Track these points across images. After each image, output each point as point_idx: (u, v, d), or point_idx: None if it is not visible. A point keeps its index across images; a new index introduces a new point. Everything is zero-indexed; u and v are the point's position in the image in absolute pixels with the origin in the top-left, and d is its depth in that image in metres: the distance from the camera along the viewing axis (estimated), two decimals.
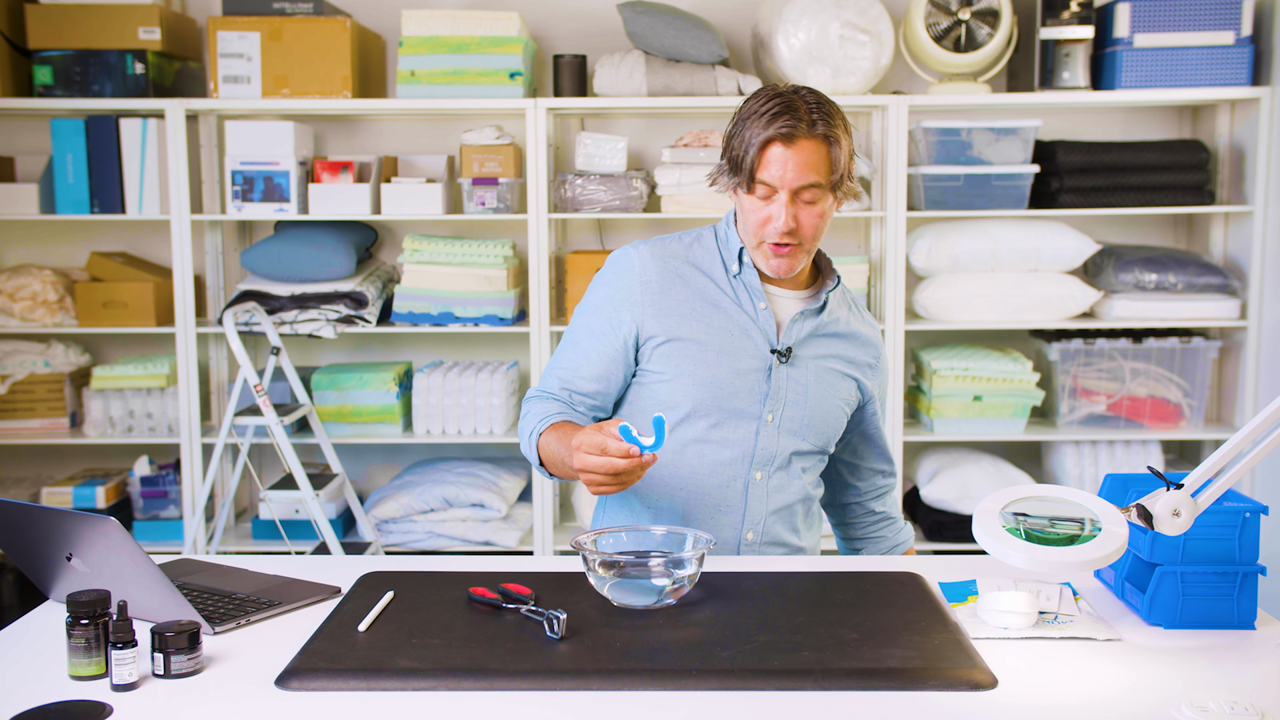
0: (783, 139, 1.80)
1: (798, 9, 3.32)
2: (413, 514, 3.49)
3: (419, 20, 3.39)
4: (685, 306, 1.92)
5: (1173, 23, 3.34)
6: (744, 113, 1.86)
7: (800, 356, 1.94)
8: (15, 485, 3.74)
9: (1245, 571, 1.60)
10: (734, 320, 1.93)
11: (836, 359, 1.98)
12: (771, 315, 1.93)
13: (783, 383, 1.92)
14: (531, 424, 1.92)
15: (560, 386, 1.96)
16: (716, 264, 1.96)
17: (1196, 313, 3.42)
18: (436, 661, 1.45)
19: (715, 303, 1.93)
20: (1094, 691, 1.40)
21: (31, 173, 3.65)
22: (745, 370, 1.91)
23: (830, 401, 1.96)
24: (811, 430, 1.95)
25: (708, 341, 1.91)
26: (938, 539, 3.50)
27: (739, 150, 1.84)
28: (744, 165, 1.83)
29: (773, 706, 1.35)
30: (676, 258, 1.96)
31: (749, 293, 1.94)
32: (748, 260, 1.93)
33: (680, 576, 1.63)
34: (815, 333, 1.96)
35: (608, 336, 1.94)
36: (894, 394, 3.45)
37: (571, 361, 1.96)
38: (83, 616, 1.43)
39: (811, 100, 1.83)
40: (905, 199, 3.42)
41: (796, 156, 1.81)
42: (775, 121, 1.80)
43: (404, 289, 3.47)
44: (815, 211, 1.86)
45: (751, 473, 1.93)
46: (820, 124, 1.81)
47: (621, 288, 1.94)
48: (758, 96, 1.86)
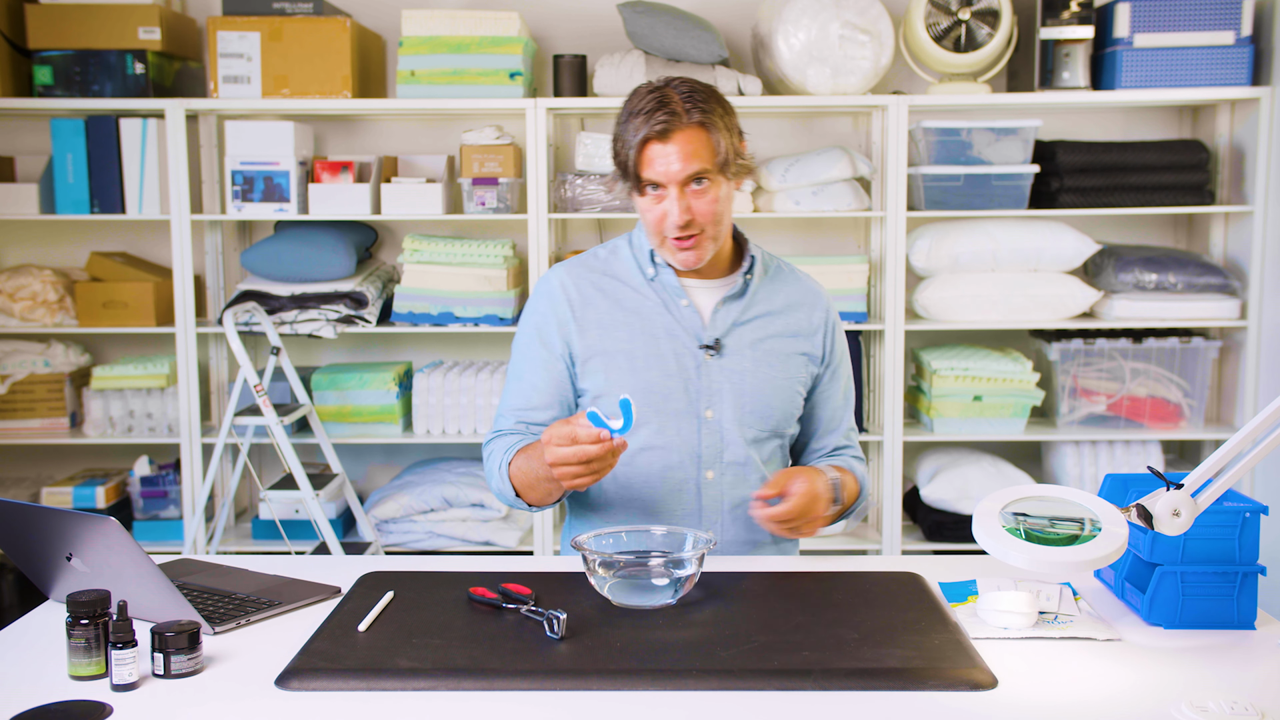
0: (658, 135, 1.80)
1: (798, 9, 3.32)
2: (413, 514, 3.49)
3: (419, 20, 3.39)
4: (607, 319, 1.93)
5: (1173, 23, 3.34)
6: (622, 115, 1.85)
7: (732, 346, 1.92)
8: (15, 485, 3.74)
9: (1245, 571, 1.60)
10: (657, 324, 1.92)
11: (775, 338, 1.95)
12: (695, 311, 1.92)
13: (716, 376, 1.91)
14: (497, 460, 1.91)
15: (515, 422, 1.95)
16: (634, 270, 1.96)
17: (1196, 313, 3.42)
18: (436, 661, 1.45)
19: (637, 310, 1.93)
20: (1094, 691, 1.40)
21: (31, 173, 3.65)
22: (676, 371, 1.90)
23: (774, 384, 1.94)
24: (758, 418, 1.93)
25: (633, 350, 1.91)
26: (938, 539, 3.50)
27: (623, 154, 1.84)
28: (628, 168, 1.82)
29: (773, 706, 1.36)
30: (595, 271, 1.97)
31: (668, 293, 1.93)
32: (661, 262, 1.92)
33: (680, 576, 1.63)
34: (743, 318, 1.94)
35: (548, 362, 1.94)
36: (893, 394, 3.45)
37: (519, 397, 1.96)
38: (83, 616, 1.43)
39: (684, 89, 1.82)
40: (905, 199, 3.42)
41: (676, 149, 1.80)
42: (650, 119, 1.79)
43: (404, 289, 3.47)
44: (709, 199, 1.84)
45: (702, 473, 1.92)
46: (695, 112, 1.80)
47: (546, 311, 1.95)
48: (634, 96, 1.85)
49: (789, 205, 3.42)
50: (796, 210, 3.42)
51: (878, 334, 3.51)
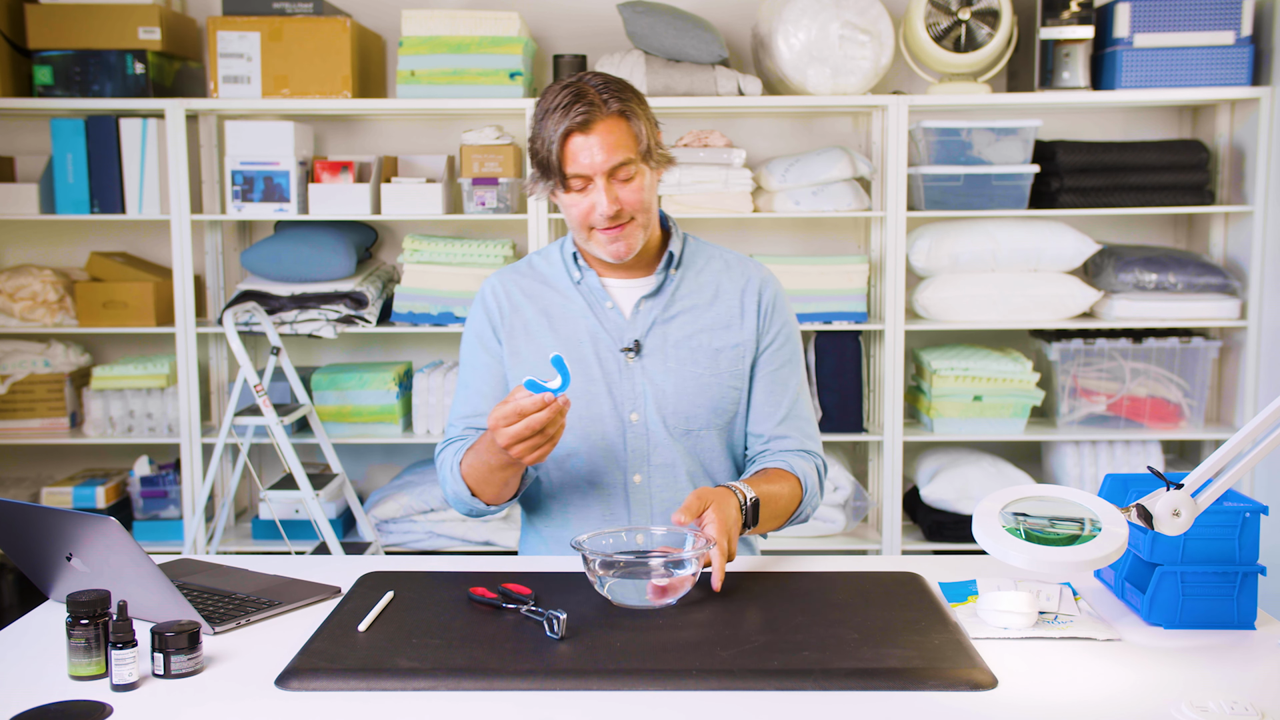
0: (580, 128, 1.78)
1: (798, 9, 3.32)
2: (413, 514, 3.49)
3: (419, 20, 3.39)
4: (533, 325, 1.93)
5: (1173, 23, 3.34)
6: (537, 114, 1.83)
7: (654, 346, 1.90)
8: (15, 485, 3.74)
9: (1245, 571, 1.60)
10: (581, 328, 1.91)
11: (703, 333, 1.92)
12: (619, 313, 1.91)
13: (639, 379, 1.89)
14: (449, 464, 1.89)
15: (464, 429, 1.95)
16: (561, 274, 1.95)
17: (1196, 313, 3.42)
18: (436, 661, 1.45)
19: (562, 314, 1.93)
20: (1094, 691, 1.40)
21: (31, 173, 3.65)
22: (597, 377, 1.89)
23: (699, 382, 1.90)
24: (683, 418, 1.89)
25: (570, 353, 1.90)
26: (938, 539, 3.50)
27: (543, 152, 1.81)
28: (551, 164, 1.80)
29: (773, 706, 1.35)
30: (526, 278, 1.97)
31: (593, 296, 1.93)
32: (585, 265, 1.92)
33: (680, 576, 1.63)
34: (666, 315, 1.92)
35: (491, 366, 1.95)
36: (893, 394, 3.45)
37: (466, 404, 1.96)
38: (83, 616, 1.43)
39: (598, 82, 1.81)
40: (905, 199, 3.42)
41: (599, 139, 1.79)
42: (569, 112, 1.77)
43: (404, 289, 3.47)
44: (634, 187, 1.82)
45: (629, 477, 1.91)
46: (613, 101, 1.80)
47: (482, 318, 1.97)
48: (548, 94, 1.82)
49: (789, 205, 3.42)
50: (796, 210, 3.42)
51: (878, 334, 3.51)
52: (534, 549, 2.03)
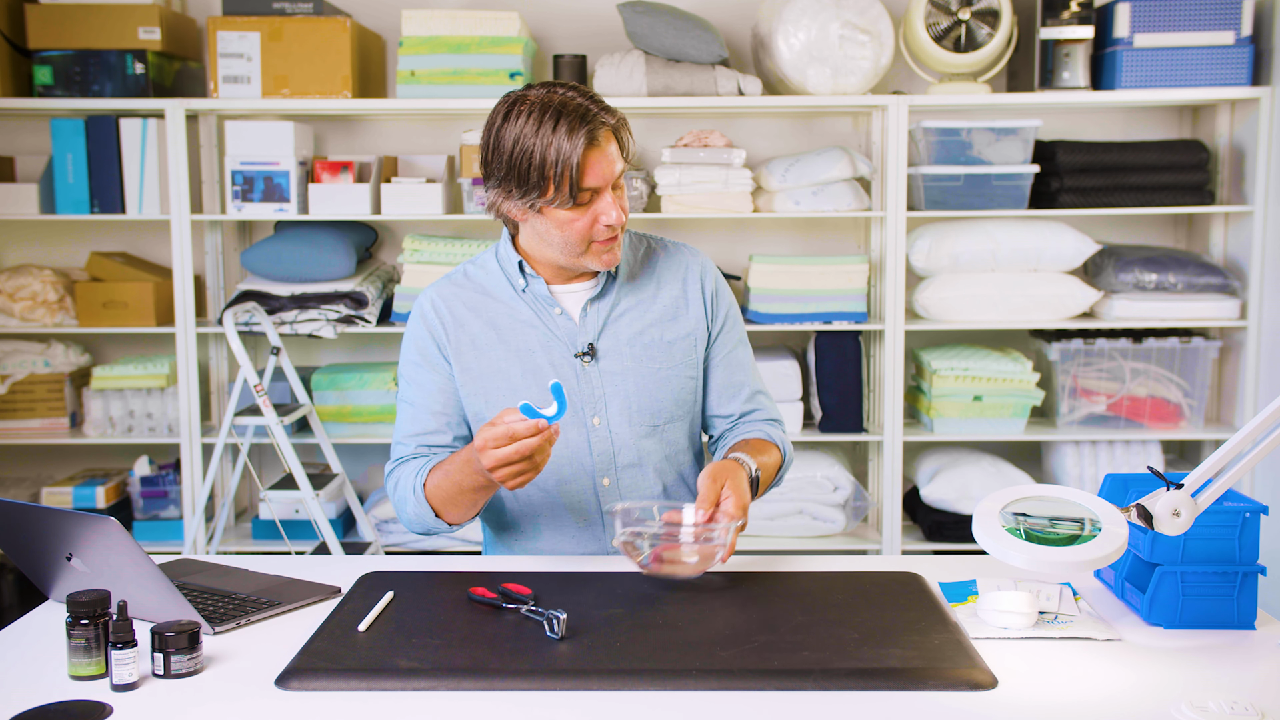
0: (595, 144, 1.76)
1: (798, 9, 3.32)
2: None
3: (419, 20, 3.40)
4: (481, 339, 1.89)
5: (1173, 23, 3.34)
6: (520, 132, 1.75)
7: (608, 347, 1.89)
8: (15, 485, 3.74)
9: (1245, 571, 1.60)
10: (531, 337, 1.89)
11: (653, 327, 1.92)
12: (569, 318, 1.89)
13: (598, 382, 1.89)
14: (408, 485, 1.85)
15: (415, 447, 1.91)
16: (503, 285, 1.92)
17: (1196, 313, 3.42)
18: (436, 661, 1.45)
19: (510, 325, 1.89)
20: (1094, 691, 1.40)
21: (31, 173, 3.65)
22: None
23: (658, 377, 1.90)
24: (648, 415, 1.90)
25: (508, 369, 1.88)
26: (938, 539, 3.50)
27: (544, 169, 1.75)
28: (562, 180, 1.75)
29: (773, 706, 1.36)
30: (465, 289, 1.92)
31: (540, 303, 1.90)
32: (531, 273, 1.89)
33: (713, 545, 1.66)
34: (614, 315, 1.91)
35: (436, 381, 1.90)
36: (893, 394, 3.45)
37: (413, 423, 1.91)
38: (83, 616, 1.43)
39: (581, 97, 1.78)
40: (905, 199, 3.42)
41: (607, 152, 1.78)
42: (578, 130, 1.74)
43: (404, 289, 3.47)
44: (623, 193, 1.84)
45: (597, 481, 1.90)
46: (608, 115, 1.79)
47: (425, 334, 1.91)
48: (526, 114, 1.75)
49: (789, 205, 3.42)
50: (796, 210, 3.42)
51: (878, 334, 3.51)
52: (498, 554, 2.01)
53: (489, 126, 1.81)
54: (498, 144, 1.78)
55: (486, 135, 1.81)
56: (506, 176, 1.79)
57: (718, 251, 3.72)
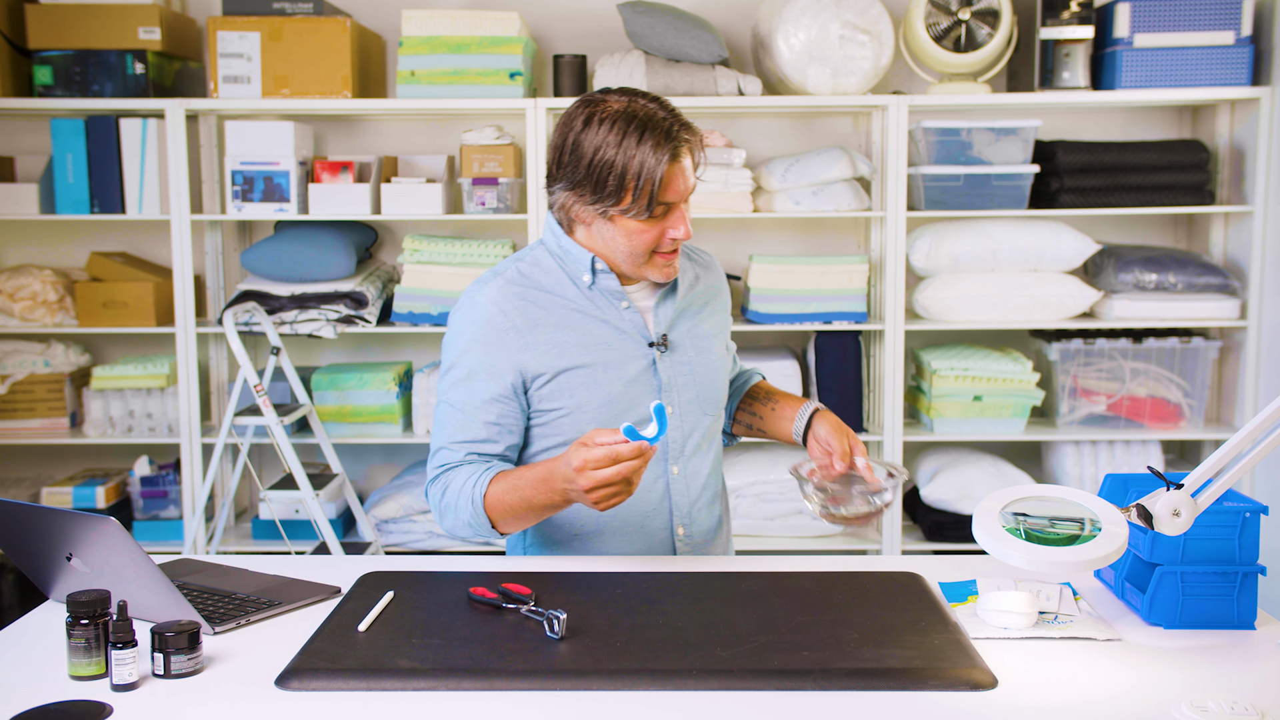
0: (675, 159, 1.80)
1: (798, 9, 3.32)
2: (413, 514, 3.49)
3: (419, 20, 3.39)
4: (558, 335, 1.87)
5: (1173, 23, 3.34)
6: (601, 140, 1.78)
7: (677, 339, 1.95)
8: (15, 485, 3.74)
9: (1245, 571, 1.60)
10: (603, 331, 1.90)
11: (704, 321, 2.00)
12: (636, 312, 1.93)
13: (670, 371, 1.93)
14: (465, 492, 1.81)
15: (465, 455, 1.87)
16: (564, 282, 1.91)
17: (1196, 313, 3.42)
18: (436, 661, 1.45)
19: (581, 320, 1.89)
20: (1094, 691, 1.40)
21: (31, 173, 3.65)
22: (634, 374, 1.89)
23: (714, 366, 1.98)
24: (708, 403, 1.96)
25: (591, 362, 1.87)
26: (938, 539, 3.50)
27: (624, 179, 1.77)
28: (644, 193, 1.78)
29: (773, 706, 1.36)
30: (526, 287, 1.90)
31: (608, 298, 1.91)
32: (602, 267, 1.89)
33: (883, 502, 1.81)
34: (679, 311, 1.97)
35: (493, 390, 1.86)
36: (893, 394, 3.45)
37: (463, 430, 1.86)
38: (83, 616, 1.43)
39: (663, 110, 1.81)
40: (905, 199, 3.42)
41: (685, 169, 1.83)
42: (663, 146, 1.77)
43: (404, 289, 3.47)
44: (688, 207, 1.88)
45: (669, 469, 1.92)
46: (689, 133, 1.83)
47: (489, 338, 1.86)
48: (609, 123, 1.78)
49: (789, 205, 3.42)
50: (796, 210, 3.42)
51: (878, 334, 3.51)
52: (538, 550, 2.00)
53: (565, 129, 1.82)
54: (576, 148, 1.80)
55: (562, 137, 1.82)
56: (583, 181, 1.81)
57: (718, 251, 3.72)
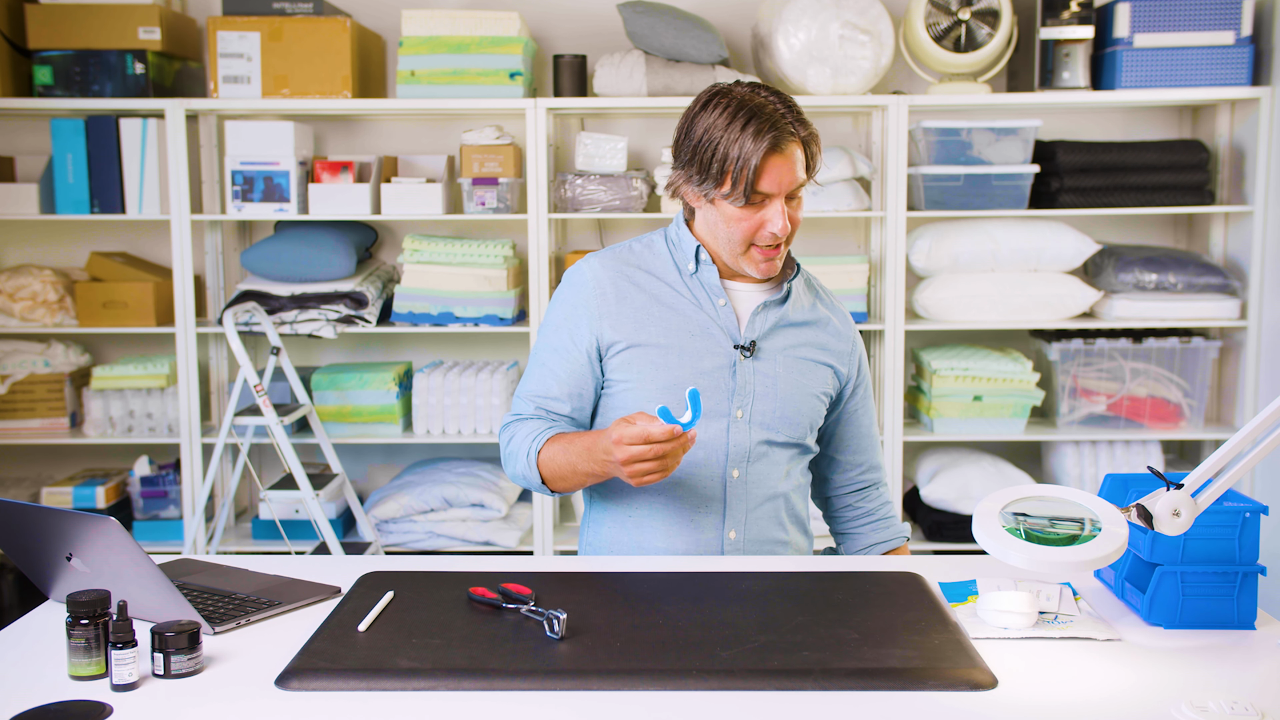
0: (779, 150, 1.81)
1: (798, 9, 3.32)
2: (413, 514, 3.49)
3: (419, 20, 3.39)
4: (642, 312, 1.93)
5: (1173, 23, 3.34)
6: (712, 122, 1.84)
7: (767, 349, 1.94)
8: (15, 485, 3.74)
9: (1245, 571, 1.60)
10: (693, 320, 1.93)
11: (807, 346, 1.98)
12: (732, 311, 1.94)
13: (750, 377, 1.92)
14: (524, 444, 1.91)
15: (535, 408, 1.96)
16: (669, 267, 1.96)
17: (1196, 313, 3.42)
18: (436, 661, 1.45)
19: (672, 305, 1.93)
20: (1094, 691, 1.40)
21: (31, 173, 3.65)
22: (709, 369, 1.91)
23: (802, 391, 1.96)
24: (785, 422, 1.94)
25: (667, 344, 1.91)
26: (938, 539, 3.50)
27: (725, 163, 1.82)
28: (739, 177, 1.82)
29: (773, 706, 1.35)
30: (629, 264, 1.97)
31: (707, 291, 1.94)
32: (705, 258, 1.94)
33: None
34: (780, 324, 1.96)
35: (571, 352, 1.94)
36: (893, 394, 3.45)
37: (540, 384, 1.96)
38: (83, 616, 1.43)
39: (780, 104, 1.84)
40: (905, 199, 3.42)
41: (788, 162, 1.83)
42: (764, 134, 1.80)
43: (404, 289, 3.47)
44: (798, 206, 1.89)
45: (728, 470, 1.93)
46: (799, 127, 1.85)
47: (577, 302, 1.95)
48: (723, 106, 1.84)
49: None
50: None
51: (878, 334, 3.51)
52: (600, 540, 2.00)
53: (688, 112, 1.89)
54: (690, 129, 1.87)
55: (684, 120, 1.89)
56: (690, 161, 1.87)
57: None
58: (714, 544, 1.94)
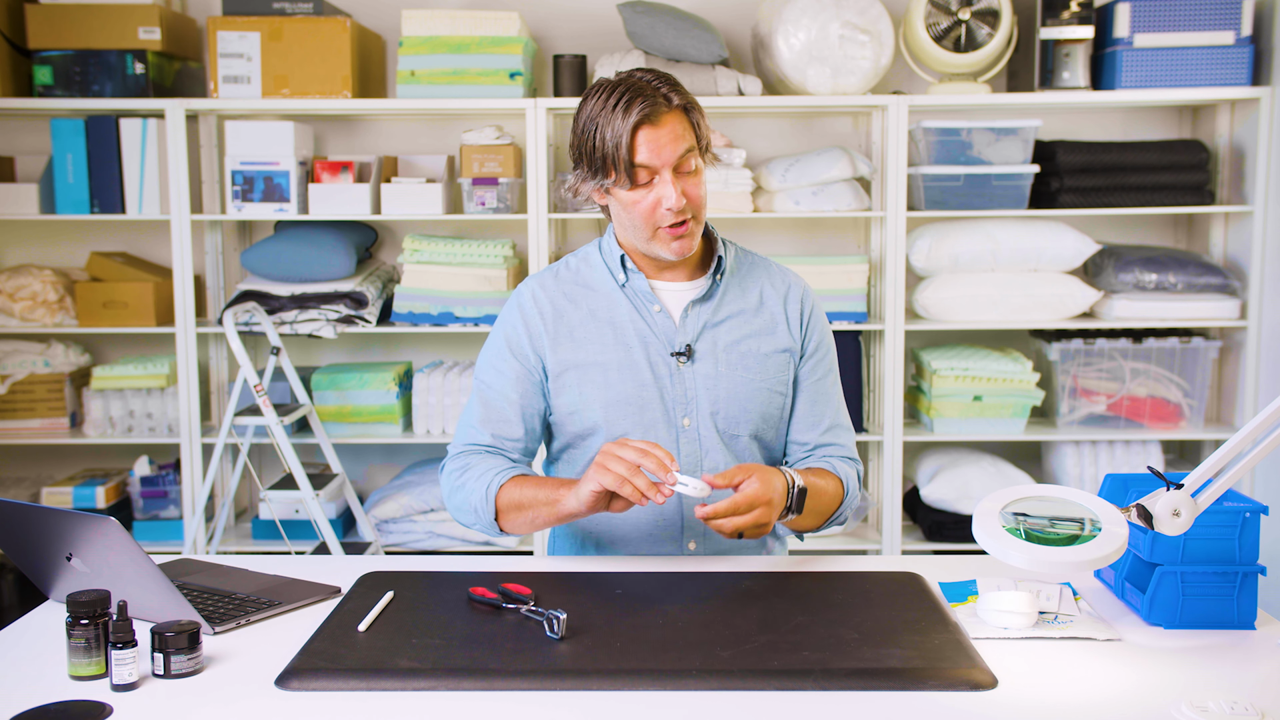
0: (649, 121, 1.77)
1: (798, 9, 3.32)
2: (413, 514, 3.49)
3: (419, 20, 3.40)
4: (579, 330, 1.89)
5: (1173, 23, 3.34)
6: (589, 113, 1.81)
7: (705, 350, 1.89)
8: (15, 485, 3.74)
9: (1245, 571, 1.60)
10: (631, 332, 1.88)
11: (751, 338, 1.91)
12: (668, 316, 1.89)
13: (691, 383, 1.88)
14: (482, 480, 1.83)
15: (491, 436, 1.89)
16: (606, 279, 1.92)
17: (1196, 313, 3.42)
18: (436, 661, 1.45)
19: (610, 319, 1.89)
20: (1094, 691, 1.40)
21: (31, 173, 3.65)
22: (649, 381, 1.87)
23: (750, 387, 1.89)
24: (735, 423, 1.89)
25: (606, 361, 1.87)
26: (938, 539, 3.50)
27: (604, 148, 1.79)
28: (617, 158, 1.78)
29: (773, 706, 1.35)
30: (567, 282, 1.93)
31: (640, 299, 1.90)
32: (631, 266, 1.90)
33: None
34: (715, 319, 1.91)
35: (522, 377, 1.89)
36: (893, 394, 3.45)
37: (494, 410, 1.90)
38: (83, 616, 1.43)
39: (652, 77, 1.81)
40: (905, 199, 3.42)
41: (667, 130, 1.79)
42: (633, 107, 1.77)
43: (404, 289, 3.47)
44: (695, 181, 1.83)
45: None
46: (674, 95, 1.80)
47: (519, 326, 1.91)
48: (598, 95, 1.81)
49: (789, 205, 3.42)
50: (796, 210, 3.42)
51: (878, 334, 3.51)
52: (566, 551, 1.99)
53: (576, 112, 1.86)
54: (575, 125, 1.85)
55: (573, 119, 1.86)
56: (580, 158, 1.84)
57: None
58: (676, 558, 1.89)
